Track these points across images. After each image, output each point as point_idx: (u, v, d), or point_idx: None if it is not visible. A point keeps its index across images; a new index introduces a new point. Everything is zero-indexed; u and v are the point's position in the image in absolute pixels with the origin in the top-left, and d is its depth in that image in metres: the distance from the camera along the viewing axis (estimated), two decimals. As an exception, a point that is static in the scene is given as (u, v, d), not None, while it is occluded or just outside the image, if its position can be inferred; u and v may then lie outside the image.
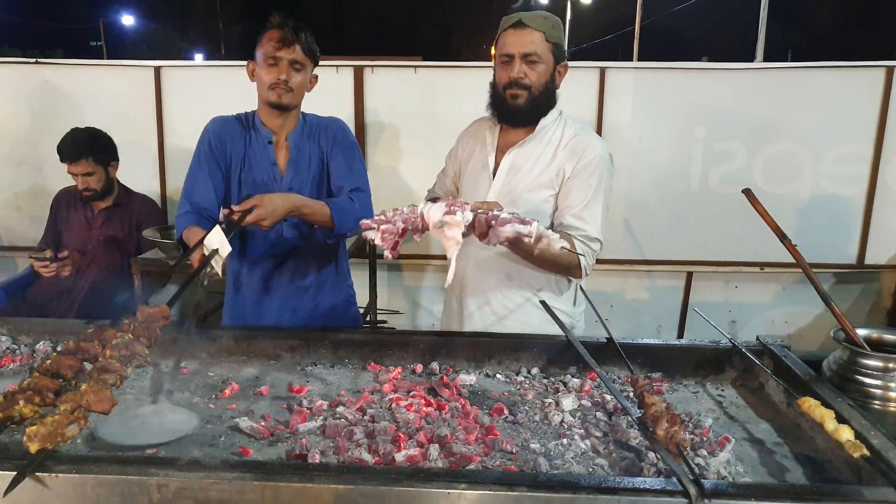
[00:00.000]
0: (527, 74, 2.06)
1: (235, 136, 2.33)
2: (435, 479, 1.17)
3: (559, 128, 2.16)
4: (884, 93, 3.81)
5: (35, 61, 4.08)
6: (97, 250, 3.36)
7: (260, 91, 2.28)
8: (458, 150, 2.39)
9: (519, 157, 2.15)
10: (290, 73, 2.21)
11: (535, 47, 2.05)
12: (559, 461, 1.38)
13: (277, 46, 2.18)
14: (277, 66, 2.20)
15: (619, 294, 4.30)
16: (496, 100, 2.16)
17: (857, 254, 4.02)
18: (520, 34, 2.05)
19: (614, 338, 1.82)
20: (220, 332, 1.96)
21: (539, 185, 2.11)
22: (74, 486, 1.17)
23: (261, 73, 2.24)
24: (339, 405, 1.62)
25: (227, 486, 1.16)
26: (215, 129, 2.34)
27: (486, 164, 2.21)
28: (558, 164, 2.11)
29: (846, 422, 1.34)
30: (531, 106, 2.09)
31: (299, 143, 2.34)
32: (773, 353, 1.78)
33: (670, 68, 3.92)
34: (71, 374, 1.48)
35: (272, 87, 2.22)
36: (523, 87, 2.07)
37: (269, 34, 2.22)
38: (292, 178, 2.32)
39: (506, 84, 2.09)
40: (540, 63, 2.07)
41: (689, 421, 1.56)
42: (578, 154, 2.09)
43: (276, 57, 2.19)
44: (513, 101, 2.09)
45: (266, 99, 2.26)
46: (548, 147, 2.14)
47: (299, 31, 2.22)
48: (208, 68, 4.25)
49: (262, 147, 2.32)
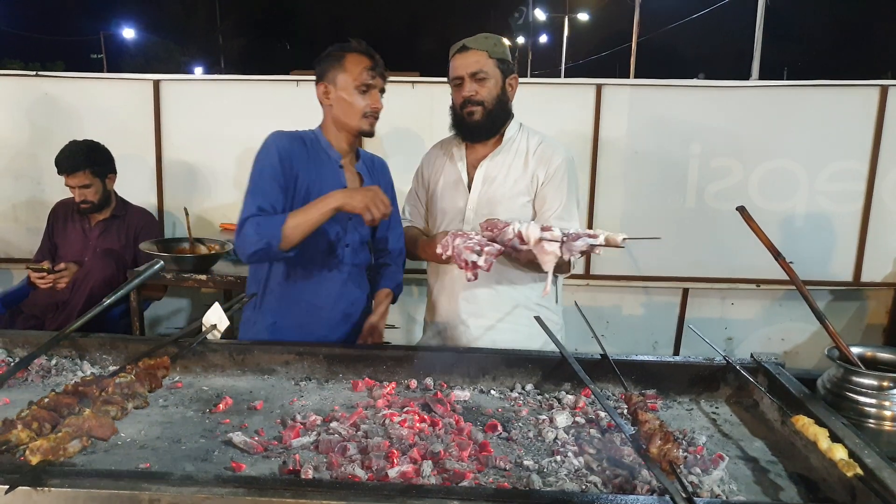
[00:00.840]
0: (477, 91, 2.22)
1: (305, 153, 2.19)
2: (428, 496, 1.17)
3: (523, 138, 2.33)
4: (878, 111, 3.84)
5: (35, 74, 4.10)
6: (94, 262, 3.36)
7: (349, 117, 2.17)
8: (422, 172, 2.50)
9: (491, 169, 2.30)
10: (380, 100, 2.18)
11: (481, 66, 2.21)
12: (552, 478, 1.37)
13: (372, 74, 2.13)
14: (370, 93, 2.14)
15: (615, 310, 4.31)
16: (456, 119, 2.31)
17: (852, 271, 4.03)
18: (465, 57, 2.23)
19: (608, 354, 1.83)
20: (215, 346, 1.95)
21: (517, 193, 2.26)
22: (67, 499, 1.17)
23: (350, 100, 2.14)
24: (333, 420, 1.62)
25: (219, 500, 1.16)
26: (283, 144, 2.16)
27: (459, 179, 2.35)
28: (531, 171, 2.27)
29: (840, 440, 1.34)
30: (487, 119, 2.25)
31: (365, 174, 2.31)
32: (767, 371, 1.78)
33: (666, 85, 3.96)
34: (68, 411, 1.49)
35: (366, 116, 2.15)
36: (476, 104, 2.23)
37: (356, 59, 2.14)
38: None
39: (461, 104, 2.25)
40: (488, 79, 2.23)
41: (682, 438, 1.56)
42: (547, 161, 2.26)
43: (370, 85, 2.14)
44: (469, 117, 2.25)
45: (358, 127, 2.17)
46: (517, 156, 2.30)
47: (378, 56, 2.18)
48: (207, 82, 4.27)
49: (333, 169, 2.22)
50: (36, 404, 1.46)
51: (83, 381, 1.61)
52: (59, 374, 1.89)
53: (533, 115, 2.63)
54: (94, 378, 1.63)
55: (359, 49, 2.18)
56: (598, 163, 3.93)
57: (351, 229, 2.25)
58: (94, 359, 1.96)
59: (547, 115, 3.72)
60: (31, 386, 1.83)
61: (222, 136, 4.01)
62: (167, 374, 1.74)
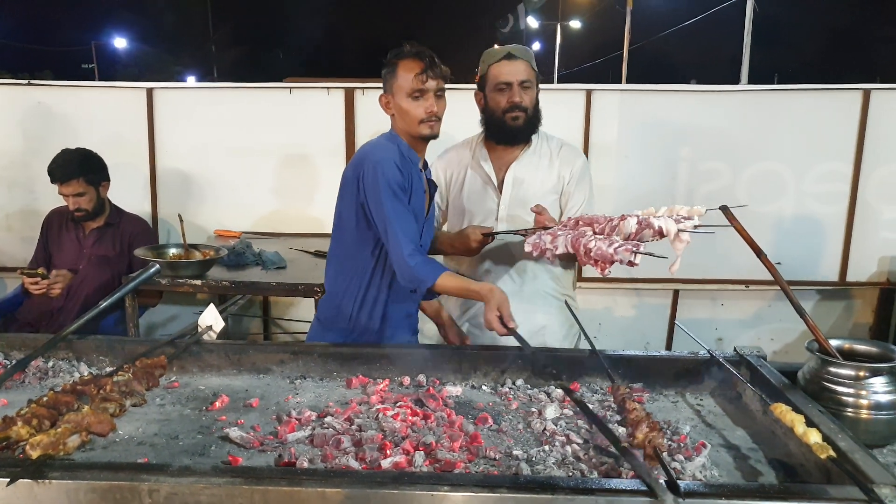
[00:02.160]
0: (523, 98, 2.38)
1: (405, 164, 2.18)
2: (419, 483, 1.21)
3: (544, 140, 2.51)
4: (861, 114, 3.92)
5: (27, 83, 4.13)
6: (88, 270, 3.38)
7: (408, 125, 2.17)
8: (439, 174, 2.57)
9: (520, 171, 2.46)
10: (437, 103, 2.15)
11: (527, 75, 2.39)
12: (541, 466, 1.41)
13: (423, 78, 2.11)
14: (424, 97, 2.12)
15: (607, 312, 4.36)
16: (494, 123, 2.44)
17: (838, 271, 4.10)
18: (513, 65, 2.38)
19: (597, 349, 1.87)
20: (211, 347, 1.99)
21: (545, 192, 2.44)
22: (68, 492, 1.20)
23: (406, 107, 2.14)
24: (328, 415, 1.66)
25: (217, 490, 1.20)
26: (398, 159, 2.14)
27: (487, 181, 2.49)
28: (556, 171, 2.47)
29: (815, 426, 1.39)
30: (527, 125, 2.42)
31: (429, 179, 2.35)
32: (749, 364, 1.83)
33: (655, 90, 4.02)
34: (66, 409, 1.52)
35: (424, 121, 2.14)
36: (522, 110, 2.39)
37: (407, 64, 2.13)
38: (432, 209, 2.37)
39: (505, 108, 2.39)
40: (531, 88, 2.41)
41: (667, 428, 1.60)
42: (571, 162, 2.48)
43: (424, 89, 2.11)
44: (513, 122, 2.40)
45: (419, 133, 2.16)
46: (543, 158, 2.48)
47: (434, 57, 2.15)
48: (201, 90, 4.32)
49: (418, 174, 2.24)
50: (35, 402, 1.49)
51: (81, 380, 1.64)
52: (57, 375, 1.92)
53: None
54: (92, 377, 1.66)
55: (409, 53, 2.16)
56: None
57: (426, 231, 2.31)
58: (91, 360, 1.99)
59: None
60: (28, 388, 1.86)
61: (216, 144, 4.05)
62: (164, 374, 1.78)
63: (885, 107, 3.90)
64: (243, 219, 4.11)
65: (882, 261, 4.08)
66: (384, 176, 2.09)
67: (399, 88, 2.14)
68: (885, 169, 3.97)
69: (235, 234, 4.02)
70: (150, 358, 1.80)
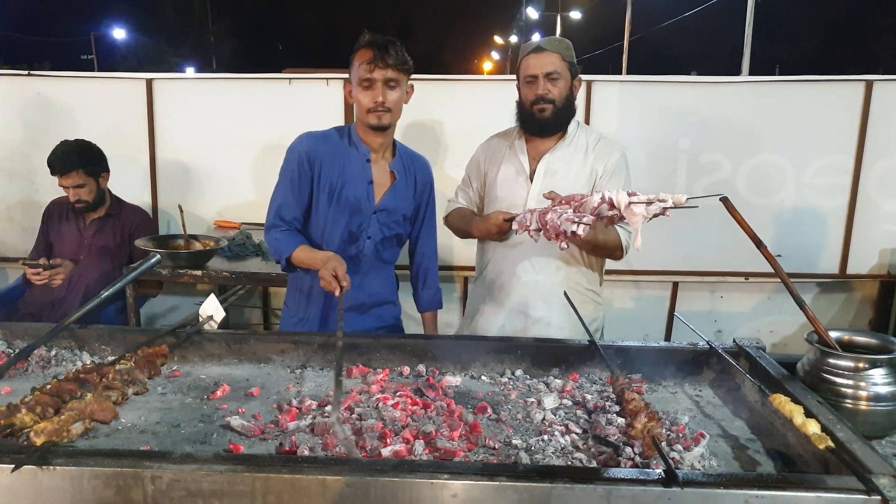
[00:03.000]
0: (550, 90, 2.37)
1: (329, 151, 2.28)
2: (419, 471, 1.22)
3: (582, 134, 2.49)
4: (863, 105, 3.91)
5: (27, 73, 4.12)
6: (89, 261, 3.39)
7: (359, 113, 2.24)
8: (479, 161, 2.62)
9: (553, 162, 2.45)
10: (385, 93, 2.17)
11: (555, 67, 2.37)
12: (540, 456, 1.42)
13: (371, 67, 2.14)
14: (372, 87, 2.16)
15: (606, 304, 4.32)
16: (524, 115, 2.45)
17: (839, 263, 4.10)
18: (540, 57, 2.37)
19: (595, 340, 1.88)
20: (212, 336, 2.00)
21: (578, 186, 2.39)
22: (72, 478, 1.21)
23: (357, 96, 2.20)
24: (328, 405, 1.66)
25: (218, 477, 1.21)
26: (304, 146, 2.28)
27: (521, 170, 2.49)
28: (590, 165, 2.44)
29: (814, 416, 1.40)
30: (556, 117, 2.40)
31: (400, 172, 2.36)
32: (748, 355, 1.84)
33: (654, 81, 4.01)
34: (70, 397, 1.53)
35: (370, 111, 2.19)
36: (548, 102, 2.38)
37: (360, 54, 2.18)
38: (388, 202, 2.34)
39: (532, 101, 2.39)
40: (560, 79, 2.38)
41: (666, 418, 1.61)
42: (606, 156, 2.44)
43: (371, 79, 2.15)
44: (540, 114, 2.39)
45: (367, 122, 2.22)
46: (577, 150, 2.46)
47: (389, 46, 2.16)
48: (200, 81, 4.31)
49: (361, 164, 2.29)
50: (39, 390, 1.50)
51: (84, 368, 1.65)
52: (59, 364, 1.93)
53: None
54: (94, 366, 1.67)
55: (362, 42, 2.19)
56: (587, 158, 3.98)
57: (375, 223, 2.32)
58: (94, 349, 2.00)
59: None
60: (31, 376, 1.87)
61: (216, 135, 4.05)
62: (166, 362, 1.78)
63: (887, 98, 3.89)
64: (243, 210, 4.12)
65: (883, 253, 4.08)
66: (287, 156, 2.30)
67: (353, 77, 2.22)
68: (886, 161, 3.97)
69: (235, 224, 4.03)
70: (152, 347, 1.80)
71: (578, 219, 1.88)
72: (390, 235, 2.37)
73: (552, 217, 1.98)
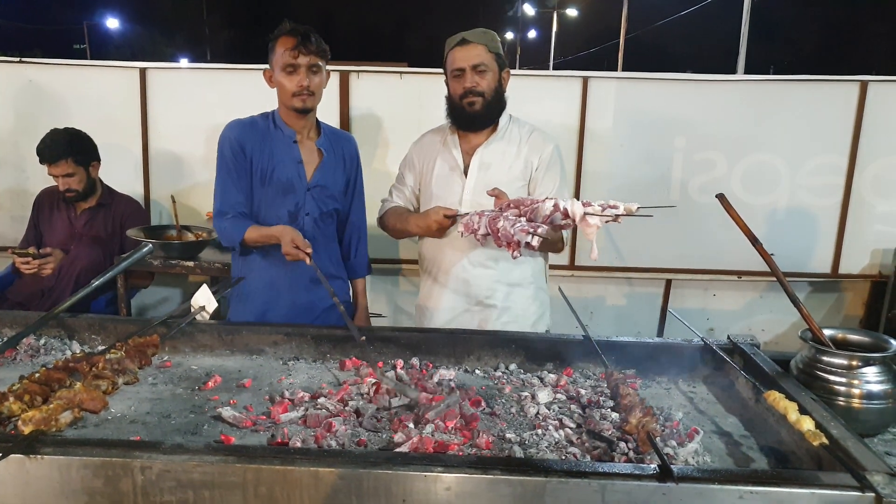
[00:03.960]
0: (478, 83, 2.34)
1: (257, 136, 2.38)
2: (412, 463, 1.21)
3: (515, 126, 2.47)
4: (858, 106, 3.92)
5: (18, 60, 4.07)
6: (80, 250, 3.35)
7: (283, 98, 2.35)
8: (413, 159, 2.58)
9: (487, 156, 2.41)
10: (309, 77, 2.28)
11: (481, 59, 2.33)
12: (534, 450, 1.42)
13: (295, 53, 2.25)
14: (297, 72, 2.27)
15: (599, 301, 4.37)
16: (454, 110, 2.42)
17: (831, 263, 4.12)
18: (466, 50, 2.34)
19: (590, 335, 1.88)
20: (204, 327, 1.98)
21: (512, 178, 2.37)
22: (60, 467, 1.20)
23: (281, 81, 2.30)
24: (321, 397, 1.65)
25: (209, 468, 1.19)
26: (234, 133, 2.38)
27: (455, 166, 2.44)
28: (524, 157, 2.41)
29: (808, 413, 1.40)
30: (486, 109, 2.37)
31: (328, 149, 2.45)
32: (742, 352, 1.84)
33: (652, 79, 4.01)
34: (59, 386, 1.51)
35: (296, 95, 2.29)
36: (478, 94, 2.34)
37: (283, 41, 2.28)
38: (319, 179, 2.42)
39: (461, 94, 2.36)
40: (487, 71, 2.35)
41: (660, 414, 1.61)
42: (540, 148, 2.41)
43: (295, 64, 2.26)
44: (470, 107, 2.36)
45: (291, 105, 2.33)
46: (510, 143, 2.43)
47: (310, 34, 2.28)
48: (194, 71, 4.26)
49: (287, 146, 2.39)
50: (27, 378, 1.48)
51: (73, 357, 1.63)
52: (49, 353, 1.91)
53: (520, 107, 2.68)
54: (84, 355, 1.65)
55: (284, 30, 2.29)
56: (583, 155, 3.98)
57: (310, 200, 2.41)
58: (84, 339, 1.98)
59: (534, 107, 3.75)
60: (20, 365, 1.85)
61: (209, 125, 4.00)
62: (156, 353, 1.76)
63: (882, 99, 3.90)
64: (237, 201, 4.08)
65: (874, 253, 4.10)
66: (219, 145, 2.37)
67: (276, 64, 2.31)
68: (880, 162, 3.98)
69: (228, 216, 4.00)
70: (143, 337, 1.78)
71: (533, 229, 1.84)
72: (328, 211, 2.47)
73: (504, 225, 1.93)
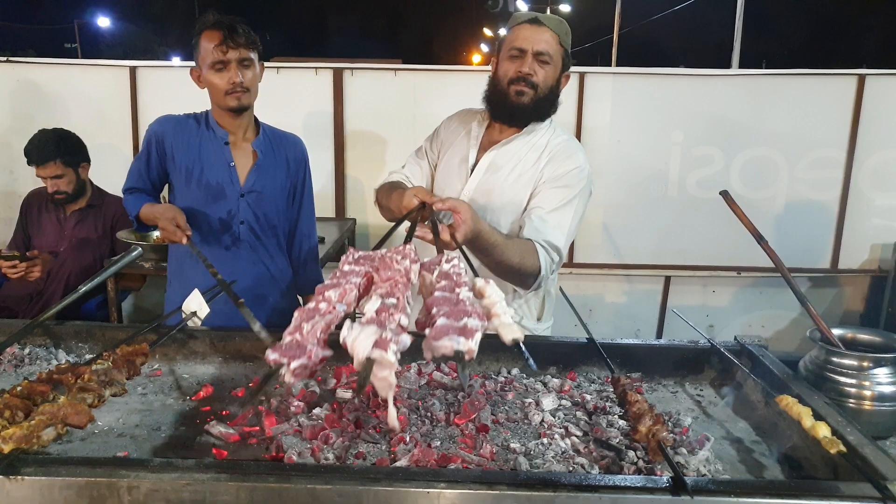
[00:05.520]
0: (536, 72, 2.00)
1: (184, 134, 2.26)
2: (414, 479, 1.15)
3: (547, 134, 2.12)
4: (855, 100, 3.89)
5: (7, 60, 4.00)
6: (69, 252, 3.29)
7: (215, 97, 2.20)
8: (440, 133, 2.29)
9: (499, 157, 2.11)
10: (241, 72, 2.13)
11: (549, 47, 2.00)
12: (539, 460, 1.36)
13: (223, 49, 2.09)
14: (227, 69, 2.12)
15: (598, 298, 4.33)
16: (496, 95, 2.08)
17: (830, 258, 4.09)
18: (535, 31, 2.00)
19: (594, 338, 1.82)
20: (196, 333, 1.92)
21: (519, 186, 2.07)
22: (41, 488, 1.14)
23: (211, 79, 2.14)
24: (316, 406, 1.60)
25: (200, 487, 1.13)
26: (160, 128, 2.27)
27: (465, 159, 2.15)
28: (540, 167, 2.07)
29: (823, 419, 1.35)
30: (534, 106, 2.04)
31: (265, 151, 2.31)
32: (750, 353, 1.79)
33: (648, 74, 3.97)
34: (42, 399, 1.45)
35: (229, 93, 2.14)
36: (530, 85, 2.01)
37: (208, 36, 2.11)
38: (254, 183, 2.28)
39: (512, 78, 2.02)
40: (550, 64, 2.02)
41: (668, 420, 1.56)
42: (560, 160, 2.06)
43: (224, 60, 2.11)
44: (517, 97, 2.02)
45: (225, 105, 2.18)
46: (532, 150, 2.09)
47: (237, 25, 2.11)
48: (184, 69, 4.18)
49: (218, 148, 2.26)
50: (8, 392, 1.42)
51: (58, 368, 1.56)
52: (33, 363, 1.84)
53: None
54: (69, 366, 1.59)
55: (208, 24, 2.13)
56: (580, 151, 3.93)
57: (245, 206, 2.27)
58: (70, 347, 1.91)
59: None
60: (3, 376, 1.78)
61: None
62: (146, 361, 1.70)
63: (879, 93, 3.88)
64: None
65: (874, 248, 4.08)
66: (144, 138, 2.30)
67: (203, 61, 2.14)
68: (878, 156, 3.96)
69: (221, 217, 3.93)
70: (131, 345, 1.72)
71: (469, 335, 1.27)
72: (266, 219, 2.32)
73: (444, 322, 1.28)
